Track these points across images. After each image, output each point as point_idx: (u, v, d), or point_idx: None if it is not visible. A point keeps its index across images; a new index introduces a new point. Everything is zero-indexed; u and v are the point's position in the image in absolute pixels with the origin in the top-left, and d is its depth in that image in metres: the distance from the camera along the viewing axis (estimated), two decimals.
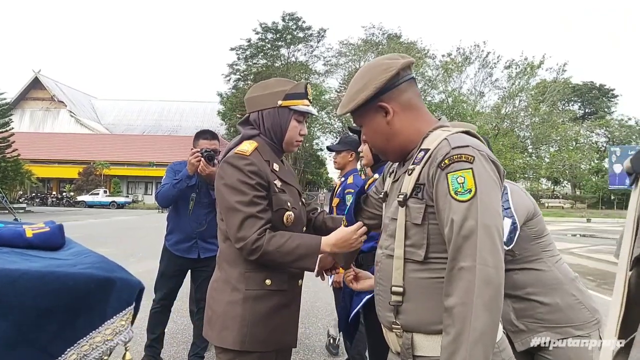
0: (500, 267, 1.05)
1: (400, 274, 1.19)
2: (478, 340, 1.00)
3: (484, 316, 1.01)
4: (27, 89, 51.51)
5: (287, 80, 1.75)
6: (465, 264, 1.04)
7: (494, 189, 1.11)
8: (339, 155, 3.13)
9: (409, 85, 1.28)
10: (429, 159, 1.18)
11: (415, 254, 1.17)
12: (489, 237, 1.05)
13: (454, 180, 1.10)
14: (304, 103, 1.70)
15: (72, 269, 1.49)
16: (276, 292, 1.61)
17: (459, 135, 1.19)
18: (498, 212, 1.10)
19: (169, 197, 3.17)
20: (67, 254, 1.78)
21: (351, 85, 1.32)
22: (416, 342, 1.17)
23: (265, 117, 1.70)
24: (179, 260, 3.23)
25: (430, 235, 1.16)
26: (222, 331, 1.58)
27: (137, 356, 3.47)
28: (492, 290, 1.02)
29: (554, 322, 1.68)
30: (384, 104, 1.26)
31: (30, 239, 1.74)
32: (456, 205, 1.09)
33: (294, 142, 1.74)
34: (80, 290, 1.43)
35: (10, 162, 26.54)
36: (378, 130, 1.30)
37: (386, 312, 1.24)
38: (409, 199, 1.20)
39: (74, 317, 1.43)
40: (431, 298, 1.13)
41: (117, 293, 1.53)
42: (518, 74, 35.73)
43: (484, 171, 1.11)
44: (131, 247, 10.20)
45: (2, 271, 1.34)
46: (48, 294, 1.37)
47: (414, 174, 1.20)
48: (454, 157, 1.12)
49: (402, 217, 1.20)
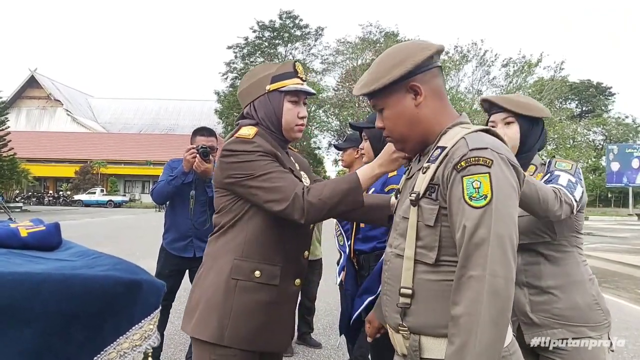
0: (510, 279, 1.00)
1: (410, 275, 1.14)
2: (482, 354, 0.97)
3: (490, 329, 0.98)
4: (23, 88, 51.31)
5: (273, 63, 1.63)
6: (474, 273, 1.00)
7: (511, 197, 1.06)
8: (345, 152, 3.10)
9: (439, 71, 1.23)
10: (445, 158, 1.12)
11: (427, 256, 1.13)
12: (501, 248, 1.01)
13: (470, 185, 1.05)
14: (294, 82, 1.56)
15: (91, 271, 1.38)
16: (265, 286, 1.49)
17: (478, 135, 1.13)
18: (514, 221, 1.05)
19: (164, 194, 3.14)
20: (68, 254, 1.65)
21: (378, 64, 1.23)
22: (424, 344, 1.13)
23: (257, 106, 1.58)
24: (174, 260, 3.19)
25: (442, 237, 1.11)
26: (201, 321, 1.46)
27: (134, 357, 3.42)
28: (500, 302, 0.99)
29: (570, 320, 1.63)
30: (417, 84, 1.18)
31: (25, 239, 1.61)
32: (469, 211, 1.04)
33: (294, 127, 1.59)
34: (107, 294, 1.31)
35: (6, 161, 26.45)
36: (404, 114, 1.21)
37: (393, 314, 1.19)
38: (421, 198, 1.14)
39: (101, 323, 1.32)
40: (441, 301, 1.09)
41: (144, 296, 1.41)
42: (515, 72, 35.74)
43: (503, 176, 1.06)
44: (129, 247, 10.15)
45: (22, 275, 1.22)
46: (74, 298, 1.26)
47: (428, 172, 1.15)
48: (472, 160, 1.07)
49: (414, 216, 1.15)
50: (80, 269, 1.41)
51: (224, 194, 1.54)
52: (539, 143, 1.80)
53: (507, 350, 1.10)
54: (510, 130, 1.75)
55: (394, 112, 1.22)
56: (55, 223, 1.76)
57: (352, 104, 35.86)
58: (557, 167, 1.71)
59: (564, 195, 1.57)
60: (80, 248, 1.71)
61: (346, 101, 36.86)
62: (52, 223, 1.75)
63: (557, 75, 36.38)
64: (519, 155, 1.73)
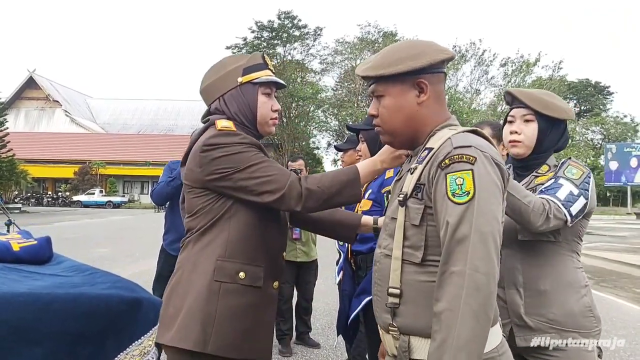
0: (492, 275, 1.01)
1: (397, 275, 1.16)
2: (462, 348, 0.97)
3: (470, 324, 0.98)
4: (21, 89, 51.18)
5: (240, 55, 1.57)
6: (456, 269, 1.01)
7: (494, 194, 1.07)
8: (346, 154, 3.13)
9: (444, 77, 1.26)
10: (431, 159, 1.14)
11: (413, 255, 1.14)
12: (483, 244, 1.01)
13: (453, 181, 1.06)
14: (266, 74, 1.51)
15: (94, 289, 1.41)
16: (249, 288, 1.41)
17: (463, 135, 1.15)
18: (496, 218, 1.06)
19: (163, 195, 3.19)
20: (61, 268, 1.70)
21: (391, 51, 1.22)
22: (413, 345, 1.13)
23: (228, 101, 1.48)
24: (173, 260, 3.18)
25: (428, 237, 1.12)
26: (182, 329, 1.35)
27: None
28: (481, 298, 0.99)
29: (564, 326, 1.61)
30: (425, 81, 1.19)
31: (18, 253, 1.66)
32: (452, 208, 1.05)
33: (269, 120, 1.53)
34: (111, 312, 1.38)
35: (5, 163, 26.42)
36: (403, 107, 1.21)
37: (383, 314, 1.20)
38: (409, 198, 1.16)
39: (105, 340, 1.37)
40: (428, 301, 1.09)
41: (144, 313, 1.47)
42: (514, 72, 35.79)
43: (486, 174, 1.07)
44: (128, 248, 10.15)
45: (31, 296, 1.25)
46: (81, 317, 1.32)
47: (415, 173, 1.17)
48: (455, 157, 1.08)
49: (402, 217, 1.16)
50: (83, 286, 1.45)
51: (201, 193, 1.44)
52: (558, 145, 1.75)
53: (496, 351, 1.11)
54: (528, 128, 1.70)
55: (395, 103, 1.21)
56: (47, 237, 1.81)
57: (351, 104, 35.88)
58: (565, 174, 1.65)
59: (555, 209, 1.53)
60: (71, 262, 1.76)
61: (345, 101, 36.88)
62: (44, 237, 1.80)
63: (556, 74, 36.45)
64: (532, 155, 1.72)
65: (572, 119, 1.88)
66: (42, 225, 15.59)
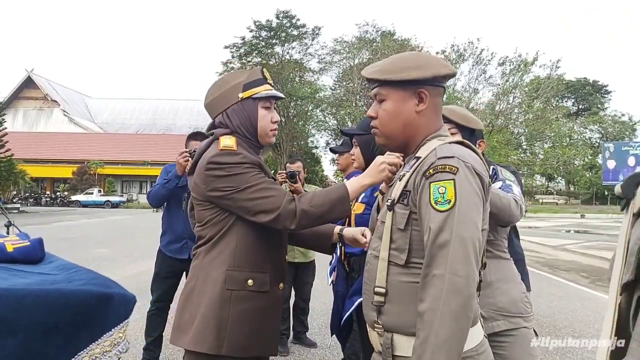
0: (471, 278, 1.07)
1: (383, 275, 1.22)
2: (441, 346, 1.03)
3: (450, 324, 1.04)
4: (19, 88, 51.14)
5: (240, 71, 1.68)
6: (437, 272, 1.07)
7: (474, 202, 1.13)
8: (342, 156, 3.17)
9: (443, 92, 1.32)
10: (417, 167, 1.21)
11: (398, 257, 1.20)
12: (463, 248, 1.07)
13: (436, 190, 1.13)
14: (265, 88, 1.61)
15: (70, 285, 1.54)
16: (258, 293, 1.54)
17: (448, 146, 1.21)
18: (476, 224, 1.12)
19: (159, 197, 3.24)
20: (50, 267, 1.80)
21: (398, 60, 1.29)
22: (396, 342, 1.19)
23: (230, 115, 1.60)
24: (170, 261, 3.27)
25: (412, 240, 1.19)
26: (198, 334, 1.48)
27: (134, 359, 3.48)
28: (460, 299, 1.05)
29: (510, 312, 1.82)
30: (425, 92, 1.25)
31: (12, 254, 1.77)
32: (434, 215, 1.11)
33: (269, 131, 1.64)
34: (82, 306, 1.49)
35: (3, 163, 26.42)
36: (402, 113, 1.27)
37: (369, 311, 1.27)
38: (396, 204, 1.23)
39: (76, 331, 1.48)
40: (411, 301, 1.15)
41: (115, 307, 1.59)
42: (512, 71, 35.84)
43: (467, 183, 1.13)
44: (127, 248, 10.18)
45: (6, 290, 1.37)
46: (53, 310, 1.42)
47: (403, 180, 1.24)
48: (438, 167, 1.15)
49: (389, 221, 1.23)
50: (60, 283, 1.58)
51: (208, 206, 1.56)
52: None
53: (474, 350, 1.17)
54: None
55: (395, 108, 1.27)
56: (39, 238, 1.92)
57: (349, 104, 35.91)
58: (506, 177, 1.98)
59: (522, 204, 1.88)
60: (61, 262, 1.87)
61: (343, 100, 36.92)
62: (36, 238, 1.91)
63: (554, 73, 36.51)
64: None
65: (483, 129, 2.12)
66: (40, 225, 15.62)
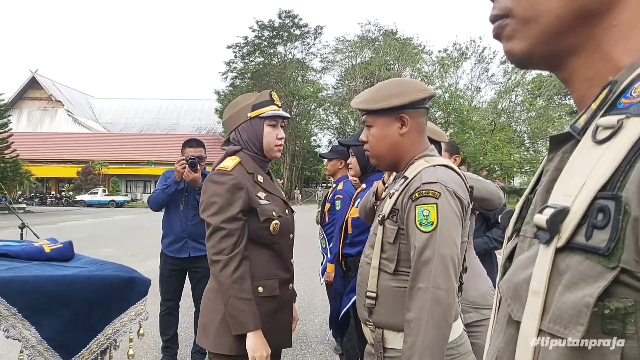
0: (451, 291, 1.23)
1: (375, 282, 1.39)
2: (427, 350, 1.19)
3: (433, 332, 1.20)
4: (24, 89, 51.45)
5: (252, 93, 1.87)
6: (422, 286, 1.23)
7: (454, 223, 1.28)
8: (330, 162, 3.36)
9: (426, 112, 1.45)
10: (405, 188, 1.35)
11: (388, 266, 1.37)
12: (444, 265, 1.23)
13: (421, 213, 1.28)
14: (272, 109, 1.79)
15: (103, 273, 2.04)
16: (269, 298, 1.72)
17: (432, 170, 1.35)
18: (455, 243, 1.27)
19: (159, 202, 3.44)
20: (82, 263, 2.21)
21: (380, 89, 1.43)
22: (386, 337, 1.37)
23: (241, 132, 1.80)
24: (173, 261, 3.47)
25: (401, 252, 1.35)
26: (219, 338, 1.66)
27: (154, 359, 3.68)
28: (442, 309, 1.21)
29: (480, 305, 1.98)
30: (406, 117, 1.39)
31: (49, 254, 2.18)
32: (419, 235, 1.27)
33: (274, 147, 1.81)
34: (114, 287, 2.00)
35: (9, 163, 26.64)
36: (387, 136, 1.41)
37: (363, 311, 1.44)
38: (386, 220, 1.39)
39: (111, 305, 1.99)
40: (399, 303, 1.33)
41: (137, 287, 2.10)
42: (514, 69, 35.84)
43: (448, 207, 1.28)
44: (133, 248, 10.36)
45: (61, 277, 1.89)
46: (94, 291, 1.93)
47: (393, 198, 1.39)
48: (423, 192, 1.29)
49: (380, 234, 1.39)
50: (95, 272, 2.08)
51: None
52: None
53: (455, 342, 1.35)
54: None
55: (381, 133, 1.42)
56: (69, 241, 2.38)
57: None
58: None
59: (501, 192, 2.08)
60: (88, 258, 2.36)
61: (346, 99, 36.96)
62: (67, 241, 2.37)
63: None
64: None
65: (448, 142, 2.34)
66: (47, 225, 15.82)
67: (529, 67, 0.54)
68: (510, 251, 0.53)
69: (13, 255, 2.08)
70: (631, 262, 0.36)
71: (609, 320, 0.37)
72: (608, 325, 0.37)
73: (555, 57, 0.50)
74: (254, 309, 1.63)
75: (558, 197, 0.43)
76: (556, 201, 0.43)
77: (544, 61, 0.52)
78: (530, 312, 0.43)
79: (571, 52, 0.49)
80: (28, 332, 1.76)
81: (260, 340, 1.62)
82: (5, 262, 1.99)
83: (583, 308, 0.38)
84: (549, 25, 0.47)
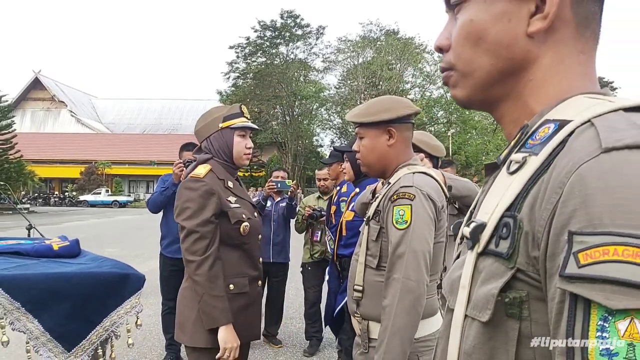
0: (421, 282, 1.37)
1: (361, 276, 1.54)
2: (396, 333, 1.33)
3: (403, 316, 1.34)
4: (27, 90, 51.75)
5: (223, 106, 2.02)
6: (395, 276, 1.38)
7: (426, 222, 1.43)
8: (330, 167, 3.49)
9: (411, 127, 1.63)
10: (387, 192, 1.51)
11: (372, 262, 1.52)
12: (415, 259, 1.38)
13: (397, 212, 1.43)
14: (241, 120, 1.94)
15: (101, 269, 2.19)
16: (239, 295, 1.86)
17: (410, 176, 1.50)
18: (427, 240, 1.41)
19: (157, 204, 3.57)
20: (85, 259, 2.39)
21: (371, 105, 1.60)
22: (371, 328, 1.51)
23: (212, 141, 1.94)
24: (171, 261, 3.60)
25: (382, 249, 1.50)
26: (195, 333, 1.79)
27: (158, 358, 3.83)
28: (411, 297, 1.35)
29: None
30: (393, 129, 1.55)
31: (57, 251, 2.35)
32: (395, 232, 1.42)
33: (243, 155, 1.96)
34: (109, 282, 2.13)
35: (13, 164, 26.81)
36: (376, 147, 1.57)
37: (351, 304, 1.59)
38: (371, 220, 1.54)
39: (107, 298, 2.12)
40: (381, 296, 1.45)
41: (131, 283, 2.22)
42: None
43: (421, 207, 1.43)
44: (136, 248, 10.49)
45: (59, 274, 2.04)
46: (90, 285, 2.06)
47: (376, 201, 1.55)
48: (400, 194, 1.46)
49: (366, 233, 1.55)
50: (94, 268, 2.24)
51: None
52: None
53: (432, 335, 1.47)
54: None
55: (370, 143, 1.59)
56: (76, 239, 2.55)
57: (354, 102, 36.03)
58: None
59: None
60: (92, 255, 2.52)
61: (348, 99, 37.02)
62: (74, 239, 2.54)
63: None
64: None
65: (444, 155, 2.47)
66: (51, 225, 15.93)
67: (471, 108, 0.67)
68: (458, 254, 0.64)
69: (24, 253, 2.23)
70: (523, 264, 0.48)
71: (509, 306, 0.49)
72: (509, 310, 0.49)
73: (489, 102, 0.63)
74: (226, 305, 1.76)
75: (480, 214, 0.56)
76: (479, 217, 0.56)
77: (481, 104, 0.64)
78: (459, 301, 0.55)
79: (500, 99, 0.61)
80: (31, 324, 1.91)
81: (231, 333, 1.76)
82: (16, 260, 2.15)
83: (490, 297, 0.50)
84: (481, 79, 0.60)
